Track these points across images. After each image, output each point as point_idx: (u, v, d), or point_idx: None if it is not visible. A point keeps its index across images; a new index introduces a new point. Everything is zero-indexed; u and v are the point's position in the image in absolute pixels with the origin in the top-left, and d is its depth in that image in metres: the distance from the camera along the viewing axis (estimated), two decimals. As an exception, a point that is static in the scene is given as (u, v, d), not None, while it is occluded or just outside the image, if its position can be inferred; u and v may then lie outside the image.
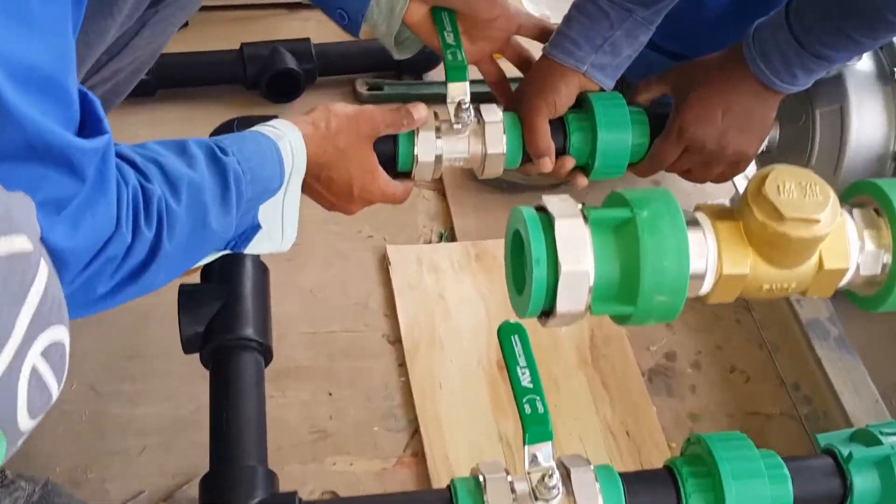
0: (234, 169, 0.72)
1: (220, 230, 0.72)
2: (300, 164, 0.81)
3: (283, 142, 0.79)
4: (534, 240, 0.71)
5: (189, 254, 0.71)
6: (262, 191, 0.76)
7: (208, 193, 0.70)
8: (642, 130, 1.01)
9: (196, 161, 0.70)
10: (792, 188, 0.72)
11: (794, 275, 0.75)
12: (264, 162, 0.76)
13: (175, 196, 0.68)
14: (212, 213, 0.70)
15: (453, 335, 1.14)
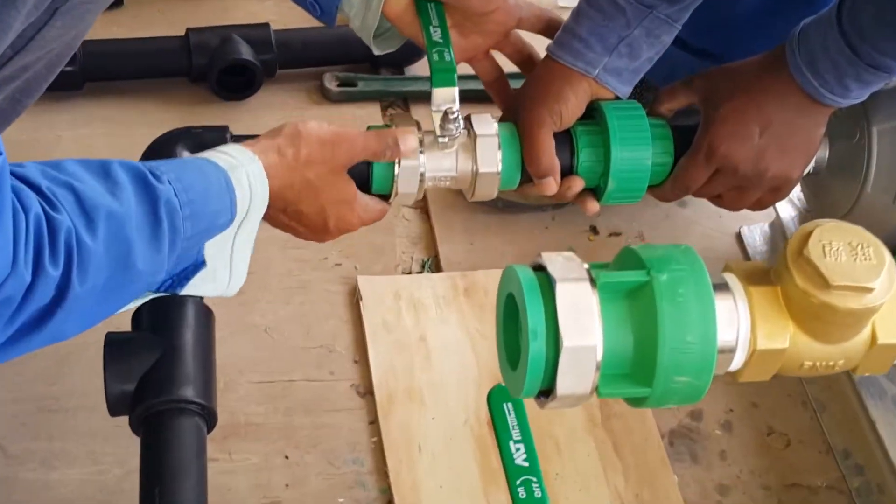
0: (167, 200, 0.71)
1: (147, 271, 0.71)
2: (259, 201, 0.81)
3: (237, 172, 0.79)
4: (530, 308, 0.71)
5: (108, 298, 0.70)
6: (206, 228, 0.76)
7: (133, 227, 0.69)
8: (665, 147, 1.01)
9: (121, 188, 0.69)
10: (840, 249, 0.72)
11: (842, 351, 0.75)
12: (209, 194, 0.76)
13: (90, 229, 0.67)
14: (137, 251, 0.69)
15: (436, 387, 1.13)
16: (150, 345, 0.96)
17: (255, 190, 0.80)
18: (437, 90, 0.95)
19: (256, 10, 1.51)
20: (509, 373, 0.76)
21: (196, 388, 0.95)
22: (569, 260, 0.73)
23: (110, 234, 0.68)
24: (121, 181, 0.70)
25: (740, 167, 0.98)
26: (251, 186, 0.80)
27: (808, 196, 1.19)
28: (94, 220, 0.67)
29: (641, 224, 1.32)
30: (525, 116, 0.98)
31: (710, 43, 1.21)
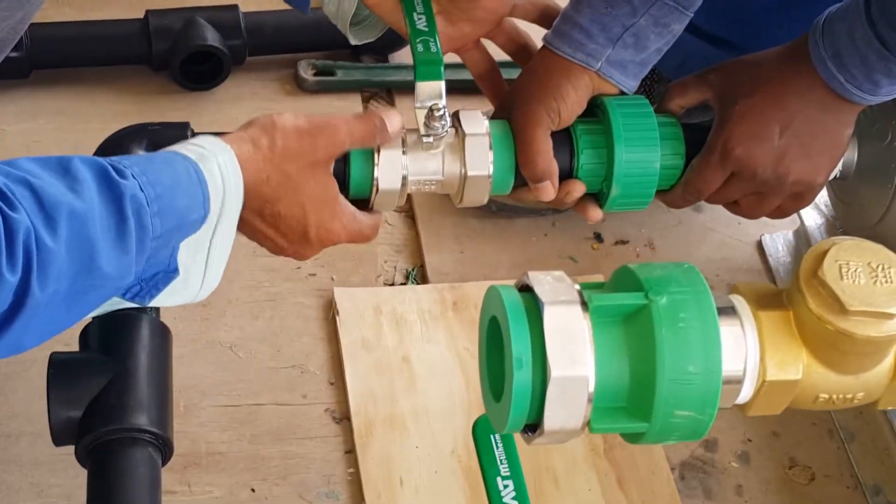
0: (133, 195, 0.72)
1: (114, 274, 0.72)
2: (234, 194, 0.81)
3: (208, 163, 0.80)
4: (515, 333, 0.72)
5: (71, 305, 0.71)
6: (177, 225, 0.77)
7: (98, 227, 0.70)
8: (675, 148, 1.02)
9: (82, 185, 0.70)
10: (858, 271, 0.73)
11: (861, 383, 0.76)
12: (178, 188, 0.76)
13: (50, 229, 0.67)
14: (102, 253, 0.70)
15: (420, 413, 1.14)
16: (99, 366, 0.96)
17: (229, 182, 0.80)
18: (422, 84, 0.96)
19: (225, -10, 1.52)
20: (493, 404, 0.77)
21: (150, 415, 0.96)
22: (558, 280, 0.73)
23: (72, 233, 0.68)
24: (82, 177, 0.71)
25: (759, 170, 0.99)
26: (224, 178, 0.80)
27: (835, 202, 1.20)
28: (55, 219, 0.68)
29: (651, 231, 1.33)
30: (519, 114, 0.98)
31: (728, 30, 1.22)
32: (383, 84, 1.42)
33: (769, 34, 1.14)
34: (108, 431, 0.94)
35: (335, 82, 1.42)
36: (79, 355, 0.99)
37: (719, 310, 0.74)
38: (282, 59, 1.44)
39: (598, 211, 1.03)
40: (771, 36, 1.14)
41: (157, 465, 0.96)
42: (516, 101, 0.99)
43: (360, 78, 1.42)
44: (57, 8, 1.08)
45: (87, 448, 0.95)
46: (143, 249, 0.73)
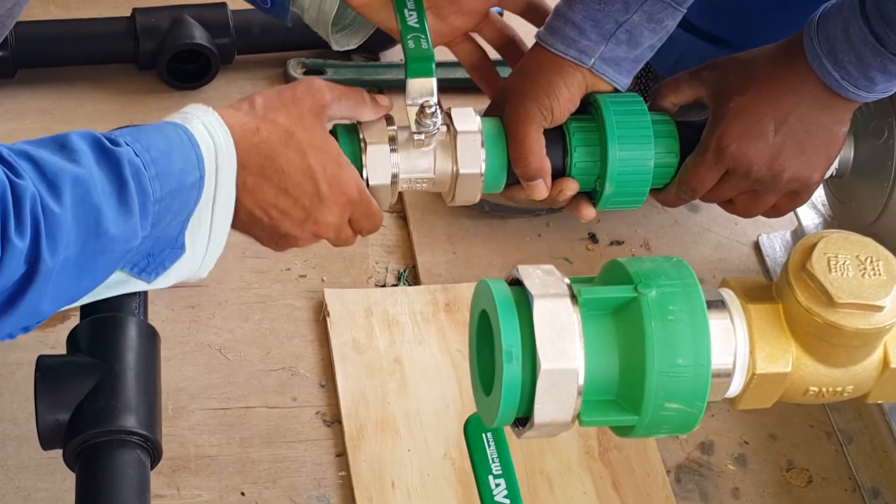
0: (130, 160, 0.75)
1: (121, 237, 0.74)
2: (226, 152, 0.82)
3: (194, 123, 0.82)
4: (504, 326, 0.74)
5: (83, 270, 0.73)
6: (176, 188, 0.78)
7: (99, 191, 0.72)
8: (669, 146, 1.04)
9: (80, 154, 0.73)
10: (846, 264, 0.75)
11: (851, 375, 0.78)
12: (171, 151, 0.79)
13: (55, 195, 0.70)
14: (107, 216, 0.72)
15: (412, 415, 1.16)
16: (86, 369, 0.98)
17: (218, 140, 0.82)
18: (413, 81, 0.97)
19: (213, -13, 1.54)
20: (483, 398, 0.79)
21: (138, 417, 0.97)
22: (548, 274, 0.76)
23: (77, 199, 0.71)
24: (78, 148, 0.73)
25: (753, 168, 1.01)
26: (212, 135, 0.82)
27: (831, 201, 1.22)
28: (59, 186, 0.70)
29: (647, 231, 1.35)
30: (512, 112, 1.00)
31: (725, 28, 1.24)
32: (374, 83, 1.43)
33: (765, 32, 1.16)
34: (95, 434, 0.96)
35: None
36: (66, 358, 1.01)
37: (708, 303, 0.76)
38: (271, 58, 1.46)
39: (592, 209, 1.05)
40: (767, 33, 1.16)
41: (145, 467, 0.97)
42: (508, 99, 1.01)
43: (350, 77, 1.44)
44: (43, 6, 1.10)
45: (74, 451, 0.97)
46: (146, 213, 0.76)
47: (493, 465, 0.89)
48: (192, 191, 0.81)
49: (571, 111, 1.02)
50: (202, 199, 0.82)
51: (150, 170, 0.76)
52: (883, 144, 1.11)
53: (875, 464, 1.16)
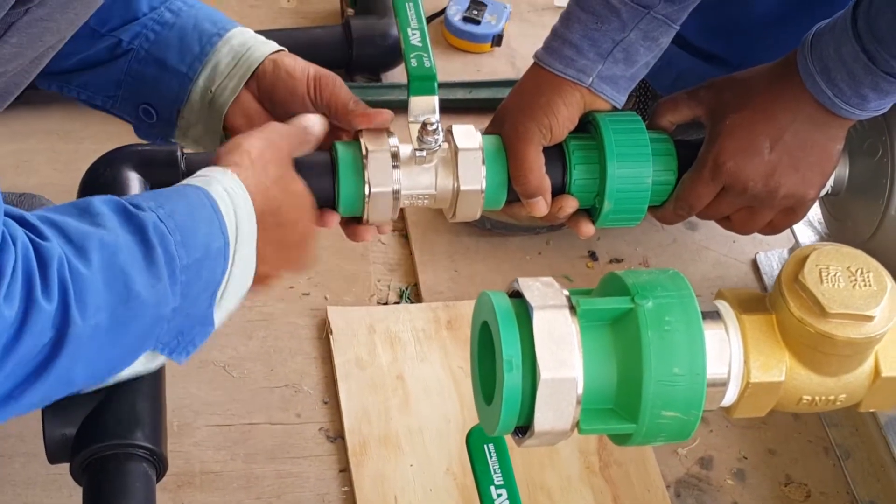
0: (154, 225, 0.75)
1: (151, 301, 0.74)
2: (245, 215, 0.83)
3: (214, 187, 0.82)
4: (505, 337, 0.76)
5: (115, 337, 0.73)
6: (203, 256, 0.79)
7: (126, 254, 0.73)
8: (667, 164, 1.06)
9: (104, 218, 0.73)
10: (838, 275, 0.78)
11: (843, 384, 0.80)
12: (196, 218, 0.79)
13: (82, 258, 0.70)
14: (135, 279, 0.72)
15: (415, 431, 1.18)
16: (94, 384, 1.00)
17: (238, 202, 0.83)
18: (415, 99, 0.99)
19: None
20: (484, 408, 0.81)
21: (144, 431, 0.97)
22: (547, 286, 0.78)
23: (105, 262, 0.71)
24: (101, 212, 0.74)
25: (749, 185, 1.03)
26: (233, 200, 0.83)
27: (827, 219, 1.24)
28: (86, 248, 0.70)
29: (646, 249, 1.37)
30: (511, 131, 1.02)
31: (721, 47, 1.26)
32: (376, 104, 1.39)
33: (761, 50, 1.19)
34: (102, 447, 0.96)
35: (327, 103, 1.46)
36: (74, 372, 1.03)
37: (704, 314, 0.79)
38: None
39: (591, 226, 1.07)
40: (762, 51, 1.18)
41: (151, 481, 0.98)
42: (507, 118, 1.03)
43: None
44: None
45: (81, 465, 0.97)
46: (174, 279, 0.76)
47: (494, 476, 0.91)
48: (217, 259, 0.80)
49: (570, 129, 1.04)
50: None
51: (176, 236, 0.76)
52: (877, 162, 1.13)
53: (872, 479, 1.18)
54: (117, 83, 1.00)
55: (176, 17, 0.99)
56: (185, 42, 0.99)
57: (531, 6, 1.66)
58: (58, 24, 0.85)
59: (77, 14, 0.86)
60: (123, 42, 0.99)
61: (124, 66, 0.99)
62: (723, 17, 1.24)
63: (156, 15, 0.99)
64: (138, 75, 0.99)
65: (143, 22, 0.99)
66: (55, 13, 0.84)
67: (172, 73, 0.99)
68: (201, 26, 0.99)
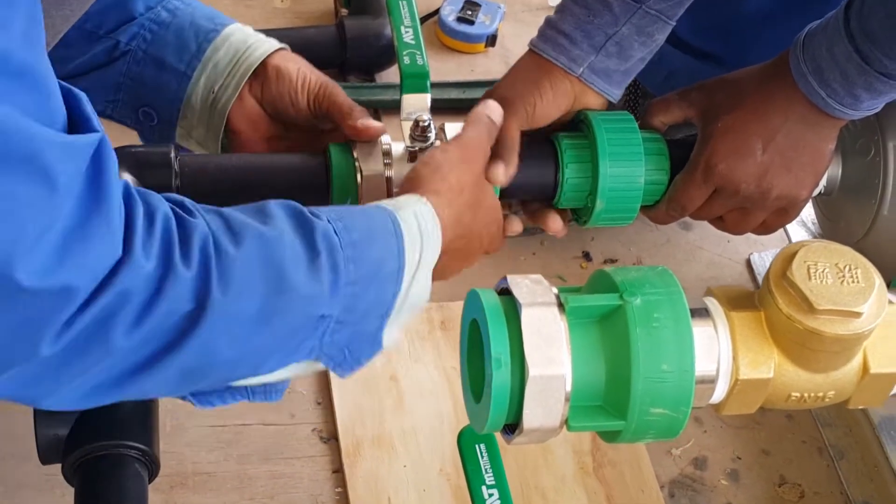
0: (325, 233, 0.76)
1: (306, 296, 0.74)
2: (432, 244, 0.84)
3: (403, 212, 0.83)
4: (494, 334, 0.77)
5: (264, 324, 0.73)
6: (372, 274, 0.79)
7: (286, 249, 0.73)
8: (659, 163, 1.07)
9: (273, 218, 0.75)
10: (826, 271, 0.78)
11: (832, 381, 0.81)
12: (373, 236, 0.79)
13: (234, 241, 0.71)
14: (291, 273, 0.73)
15: (408, 432, 1.19)
16: (85, 383, 1.01)
17: (426, 228, 0.83)
18: (408, 97, 1.00)
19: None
20: (473, 406, 0.82)
21: (136, 431, 0.98)
22: (536, 283, 0.78)
23: (259, 252, 0.72)
24: (274, 213, 0.75)
25: (742, 186, 1.04)
26: (420, 227, 0.83)
27: (820, 219, 1.25)
28: (241, 234, 0.71)
29: (640, 249, 1.37)
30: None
31: (713, 45, 1.27)
32: (370, 104, 1.45)
33: (752, 48, 1.20)
34: (94, 448, 0.97)
35: (321, 103, 1.46)
36: (65, 373, 1.03)
37: (692, 311, 0.79)
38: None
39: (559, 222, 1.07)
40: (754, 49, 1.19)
41: (143, 483, 0.99)
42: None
43: None
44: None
45: (73, 465, 0.98)
46: (336, 290, 0.76)
47: (486, 476, 0.92)
48: (388, 282, 0.80)
49: (554, 117, 1.04)
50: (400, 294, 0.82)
51: (347, 251, 0.77)
52: (870, 162, 1.13)
53: (866, 479, 1.19)
54: (117, 86, 1.00)
55: (172, 15, 0.99)
56: (181, 40, 0.99)
57: (525, 6, 1.67)
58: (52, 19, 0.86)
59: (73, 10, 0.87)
60: (121, 43, 0.99)
61: (123, 67, 0.99)
62: (715, 16, 1.25)
63: (152, 14, 0.99)
64: (137, 77, 1.00)
65: (139, 22, 0.99)
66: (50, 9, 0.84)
67: (171, 73, 0.99)
68: (198, 24, 1.00)
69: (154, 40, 0.99)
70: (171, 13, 1.00)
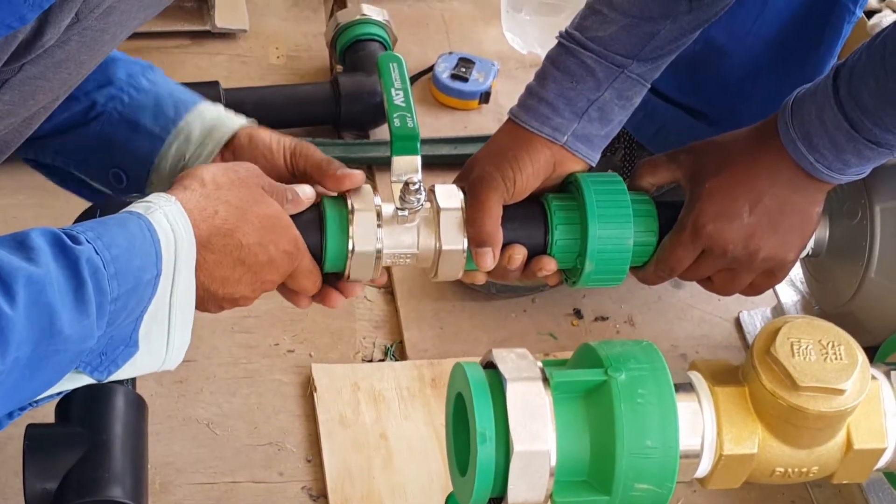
0: (89, 259, 0.76)
1: (76, 337, 0.75)
2: (185, 241, 0.84)
3: (156, 215, 0.83)
4: (479, 409, 0.77)
5: (35, 371, 0.74)
6: (133, 287, 0.80)
7: (55, 291, 0.73)
8: (648, 225, 1.07)
9: (37, 252, 0.74)
10: (809, 348, 0.78)
11: (815, 457, 0.81)
12: (133, 248, 0.80)
13: (8, 297, 0.71)
14: (62, 316, 0.73)
15: (398, 491, 1.18)
16: (75, 438, 1.01)
17: (179, 232, 0.83)
18: (398, 159, 0.99)
19: (206, 66, 1.58)
20: (458, 479, 0.82)
21: (125, 487, 0.99)
22: (521, 357, 0.78)
23: (30, 299, 0.72)
24: (36, 246, 0.74)
25: (729, 247, 1.04)
26: (174, 229, 0.83)
27: (808, 280, 1.25)
28: (11, 286, 0.71)
29: (631, 307, 1.38)
30: (476, 178, 1.02)
31: (700, 102, 1.28)
32: (363, 160, 1.47)
33: (739, 103, 1.22)
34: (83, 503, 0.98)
35: (315, 159, 1.47)
36: (55, 428, 1.03)
37: (677, 386, 0.79)
38: (262, 136, 1.50)
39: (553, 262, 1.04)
40: (741, 105, 1.20)
41: (131, 538, 1.00)
42: (476, 166, 1.04)
43: (338, 155, 1.44)
44: (39, 85, 1.13)
45: None
46: (102, 313, 0.77)
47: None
48: (147, 288, 0.81)
49: (535, 187, 1.04)
50: (157, 295, 0.83)
51: (110, 268, 0.77)
52: (857, 225, 1.14)
53: (856, 539, 1.18)
54: (90, 146, 1.01)
55: (153, 84, 1.01)
56: (159, 106, 1.00)
57: (519, 63, 1.68)
58: (51, 83, 0.86)
59: (70, 74, 0.87)
60: (98, 104, 1.00)
61: (97, 128, 1.01)
62: (697, 75, 1.26)
63: (132, 81, 1.01)
64: (110, 137, 1.00)
65: (118, 86, 1.00)
66: (48, 72, 0.85)
67: (144, 134, 1.00)
68: (176, 94, 1.01)
69: (131, 103, 1.00)
70: (151, 83, 1.02)
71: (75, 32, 0.80)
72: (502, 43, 1.69)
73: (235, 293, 0.91)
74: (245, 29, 1.62)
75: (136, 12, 0.87)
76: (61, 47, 0.81)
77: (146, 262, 0.81)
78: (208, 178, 0.88)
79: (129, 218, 0.82)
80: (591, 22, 1.05)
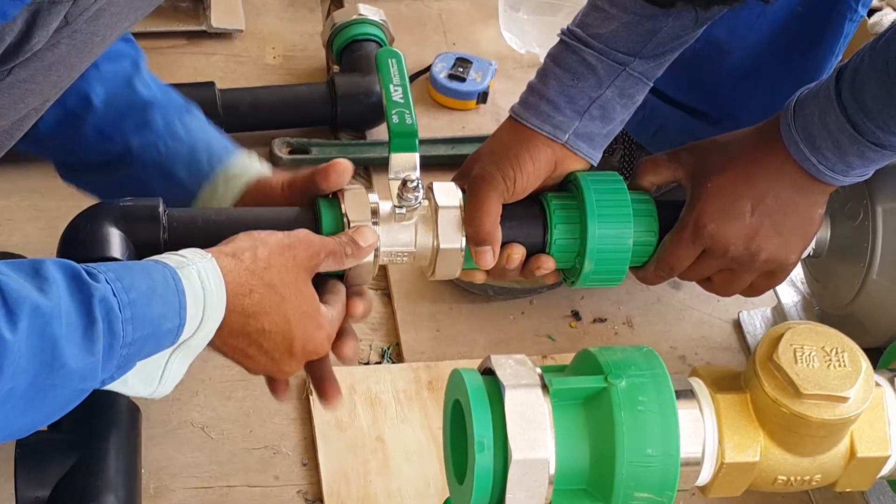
0: (103, 298, 0.74)
1: (77, 373, 0.73)
2: (216, 304, 0.82)
3: (186, 270, 0.81)
4: (476, 417, 0.75)
5: (31, 403, 0.73)
6: (151, 334, 0.78)
7: (62, 323, 0.72)
8: (648, 224, 1.06)
9: (51, 285, 0.73)
10: (812, 355, 0.77)
11: (818, 465, 0.80)
12: (153, 295, 0.78)
13: (10, 323, 0.69)
14: (65, 349, 0.72)
15: (394, 495, 1.17)
16: (66, 447, 0.99)
17: (209, 288, 0.82)
18: (395, 156, 0.99)
19: (202, 67, 1.57)
20: (456, 486, 0.81)
21: (118, 495, 0.98)
22: (520, 364, 0.77)
23: (34, 330, 0.70)
24: (51, 278, 0.73)
25: (730, 247, 1.03)
26: (204, 285, 0.81)
27: (810, 281, 1.24)
28: (16, 313, 0.70)
29: (630, 308, 1.36)
30: (476, 176, 1.01)
31: (700, 101, 1.27)
32: (359, 161, 1.45)
33: (739, 102, 1.20)
34: None
35: (310, 160, 1.45)
36: (47, 436, 1.02)
37: (678, 393, 0.78)
38: (257, 136, 1.48)
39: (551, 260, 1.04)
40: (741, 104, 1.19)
41: (124, 546, 0.99)
42: (476, 164, 1.03)
43: (335, 155, 1.42)
44: None
45: None
46: (111, 355, 0.75)
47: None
48: (166, 337, 0.80)
49: (535, 186, 1.03)
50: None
51: (126, 312, 0.75)
52: (858, 226, 1.13)
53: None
54: (121, 184, 1.02)
55: (188, 133, 1.02)
56: (194, 157, 1.02)
57: (516, 63, 1.67)
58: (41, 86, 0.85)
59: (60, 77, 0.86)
60: (133, 149, 1.02)
61: (130, 172, 1.02)
62: (698, 73, 1.25)
63: (169, 130, 1.02)
64: (142, 182, 1.02)
65: (156, 133, 1.02)
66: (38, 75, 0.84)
67: (177, 185, 1.01)
68: (211, 143, 1.03)
69: (167, 153, 1.01)
70: (187, 131, 1.02)
71: (65, 36, 0.79)
72: (500, 43, 1.68)
73: (244, 361, 0.91)
74: (241, 29, 1.61)
75: (127, 14, 0.85)
76: (51, 51, 0.80)
77: (167, 311, 0.79)
78: (261, 254, 0.87)
79: (155, 266, 0.81)
80: (592, 19, 1.04)
